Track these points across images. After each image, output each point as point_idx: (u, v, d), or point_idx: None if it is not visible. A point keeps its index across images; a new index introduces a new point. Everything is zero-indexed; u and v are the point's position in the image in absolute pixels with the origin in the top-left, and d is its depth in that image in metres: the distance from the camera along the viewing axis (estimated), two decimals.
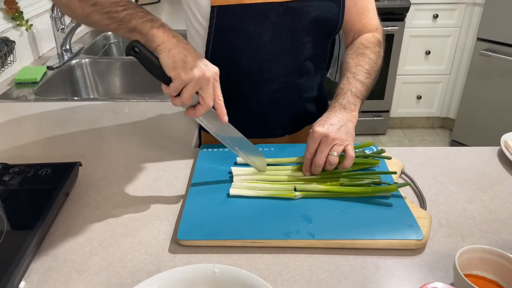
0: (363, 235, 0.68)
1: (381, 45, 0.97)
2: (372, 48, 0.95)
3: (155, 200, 0.81)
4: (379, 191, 0.77)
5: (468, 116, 2.74)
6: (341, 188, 0.78)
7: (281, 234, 0.68)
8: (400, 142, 2.99)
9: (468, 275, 0.58)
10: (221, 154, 0.92)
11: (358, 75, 0.89)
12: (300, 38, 0.92)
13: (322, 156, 0.78)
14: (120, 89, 1.72)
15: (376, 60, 0.94)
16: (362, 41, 0.96)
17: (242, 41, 0.89)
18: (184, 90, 0.69)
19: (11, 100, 1.29)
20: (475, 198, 0.81)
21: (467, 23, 2.74)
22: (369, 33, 0.98)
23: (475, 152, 0.96)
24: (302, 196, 0.77)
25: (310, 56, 0.95)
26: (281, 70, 0.94)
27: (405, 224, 0.70)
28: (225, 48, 0.90)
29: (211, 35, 0.89)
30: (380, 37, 0.99)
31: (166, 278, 0.58)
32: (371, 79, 0.91)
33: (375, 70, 0.93)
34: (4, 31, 1.44)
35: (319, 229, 0.69)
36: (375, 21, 1.00)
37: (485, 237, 0.71)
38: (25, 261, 0.63)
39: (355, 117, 0.84)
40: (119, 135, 1.07)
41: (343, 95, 0.86)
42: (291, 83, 0.96)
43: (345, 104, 0.85)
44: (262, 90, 0.95)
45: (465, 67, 2.80)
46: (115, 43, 2.02)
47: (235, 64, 0.91)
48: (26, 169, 0.82)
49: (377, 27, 1.00)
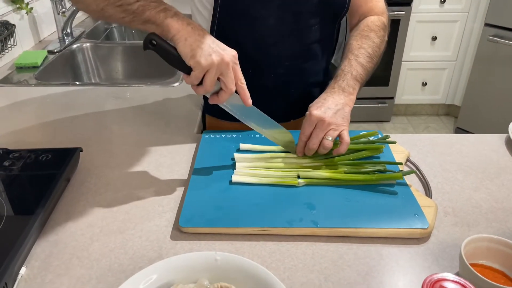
0: (367, 223, 0.67)
1: (386, 30, 0.96)
2: (377, 31, 0.93)
3: (156, 186, 0.80)
4: (384, 178, 0.76)
5: (474, 103, 2.71)
6: (345, 176, 0.76)
7: (284, 222, 0.67)
8: (404, 129, 2.97)
9: (474, 265, 0.57)
10: (223, 140, 0.91)
11: (359, 58, 0.87)
12: (305, 21, 0.90)
13: (317, 140, 0.78)
14: (121, 74, 1.70)
15: (379, 45, 0.92)
16: (368, 23, 0.94)
17: (247, 24, 0.88)
18: (206, 78, 0.69)
19: (11, 85, 1.27)
20: (482, 187, 0.79)
21: (475, 8, 2.69)
22: (375, 16, 0.96)
23: (482, 139, 0.95)
24: (305, 184, 0.76)
25: (316, 39, 0.93)
26: (286, 54, 0.92)
27: (410, 212, 0.69)
28: (230, 31, 0.89)
29: (215, 18, 0.88)
30: (386, 21, 0.97)
31: (167, 265, 0.57)
32: (373, 64, 0.90)
33: (377, 55, 0.91)
34: (4, 14, 1.42)
35: (322, 217, 0.68)
36: (382, 4, 0.98)
37: (492, 226, 0.70)
38: (25, 247, 0.62)
39: (352, 100, 0.83)
40: (120, 120, 1.06)
41: (343, 76, 0.85)
42: (296, 67, 0.94)
43: (344, 86, 0.83)
44: (267, 73, 0.94)
45: (472, 53, 2.76)
46: (116, 27, 1.99)
47: (240, 47, 0.88)
48: (27, 155, 0.81)
49: (383, 10, 0.98)
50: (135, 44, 1.70)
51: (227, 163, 0.83)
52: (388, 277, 0.60)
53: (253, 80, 0.93)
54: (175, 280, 0.56)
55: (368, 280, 0.60)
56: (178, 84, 1.25)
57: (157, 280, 0.56)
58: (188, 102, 1.15)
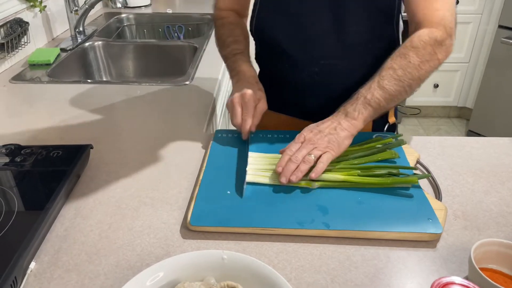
0: (380, 227, 0.66)
1: (437, 45, 0.81)
2: (421, 49, 0.80)
3: (165, 184, 0.80)
4: (399, 182, 0.74)
5: (486, 106, 2.68)
6: (360, 179, 0.75)
7: (295, 223, 0.67)
8: (415, 131, 2.94)
9: (483, 269, 0.57)
10: (235, 140, 0.91)
11: (384, 80, 0.80)
12: (345, 20, 0.87)
13: (299, 156, 0.76)
14: (132, 72, 1.71)
15: (418, 65, 0.80)
16: (413, 39, 0.82)
17: (284, 19, 0.90)
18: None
19: (24, 82, 1.29)
20: (493, 190, 0.78)
21: (489, 9, 2.65)
22: (426, 29, 0.82)
23: (493, 142, 0.93)
24: (319, 186, 0.76)
25: (358, 40, 0.89)
26: (321, 53, 0.91)
27: (423, 217, 0.68)
28: (268, 24, 0.93)
29: (254, 13, 0.94)
30: (441, 34, 0.81)
31: (174, 263, 0.57)
32: (400, 87, 0.80)
33: (412, 77, 0.80)
34: (18, 12, 1.44)
35: (334, 219, 0.68)
36: (442, 13, 0.82)
37: (502, 231, 0.69)
38: (35, 242, 0.63)
39: (354, 125, 0.79)
40: (131, 118, 1.07)
41: (355, 100, 0.80)
42: (332, 66, 0.92)
43: (349, 111, 0.80)
44: (302, 70, 0.94)
45: (485, 55, 2.73)
46: (128, 26, 2.01)
47: (277, 41, 0.94)
48: (38, 151, 0.82)
49: (442, 20, 0.82)
50: (146, 43, 1.72)
51: (239, 162, 0.83)
52: (395, 280, 0.60)
53: (289, 75, 0.97)
54: (182, 277, 0.57)
55: (376, 282, 0.60)
56: (188, 83, 1.26)
57: (164, 278, 0.56)
58: (198, 101, 1.16)
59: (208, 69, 1.37)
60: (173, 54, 1.63)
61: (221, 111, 1.37)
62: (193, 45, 1.60)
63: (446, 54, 0.83)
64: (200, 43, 1.60)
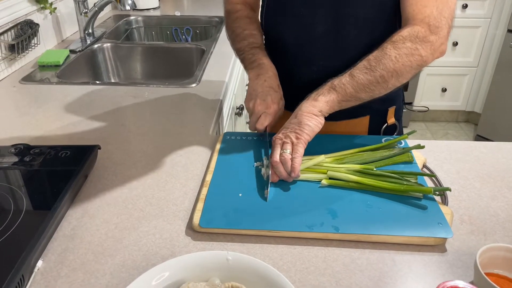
0: (390, 231, 0.66)
1: (419, 41, 0.80)
2: (399, 43, 0.80)
3: (172, 185, 0.81)
4: (413, 190, 0.73)
5: (494, 110, 2.66)
6: (373, 182, 0.75)
7: (305, 226, 0.67)
8: (422, 136, 2.93)
9: (489, 274, 0.56)
10: (244, 142, 0.91)
11: (356, 70, 0.82)
12: (344, 23, 0.89)
13: (275, 156, 0.79)
14: (140, 74, 1.72)
15: (395, 57, 0.79)
16: (394, 35, 0.82)
17: (288, 19, 0.93)
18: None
19: (34, 82, 1.31)
20: (500, 195, 0.78)
21: (498, 14, 2.64)
22: (409, 26, 0.81)
23: (501, 147, 0.93)
24: (328, 184, 0.76)
25: (356, 42, 0.90)
26: (320, 53, 0.93)
27: (433, 221, 0.68)
28: (274, 24, 0.97)
29: (263, 10, 0.99)
30: (423, 31, 0.80)
31: (180, 263, 0.58)
32: (372, 76, 0.79)
33: (385, 68, 0.79)
34: (29, 13, 1.46)
35: (344, 222, 0.68)
36: (429, 10, 0.80)
37: (509, 236, 0.68)
38: (43, 240, 0.64)
39: (313, 105, 0.81)
40: (138, 119, 1.08)
41: (321, 87, 0.85)
42: (330, 67, 0.92)
43: (311, 95, 0.84)
44: (303, 69, 0.97)
45: (493, 60, 2.71)
46: (136, 28, 2.02)
47: (281, 40, 0.97)
48: (47, 151, 0.83)
49: (426, 17, 0.80)
50: (155, 45, 1.73)
51: (248, 164, 0.84)
52: (400, 284, 0.60)
53: (293, 74, 0.99)
54: (186, 278, 0.57)
55: (380, 285, 0.59)
56: (195, 85, 1.27)
57: (169, 278, 0.56)
58: (205, 103, 1.16)
59: (215, 72, 1.38)
60: (180, 56, 1.65)
61: (228, 114, 1.37)
62: (201, 48, 1.61)
63: (432, 51, 0.81)
64: (207, 45, 1.61)
